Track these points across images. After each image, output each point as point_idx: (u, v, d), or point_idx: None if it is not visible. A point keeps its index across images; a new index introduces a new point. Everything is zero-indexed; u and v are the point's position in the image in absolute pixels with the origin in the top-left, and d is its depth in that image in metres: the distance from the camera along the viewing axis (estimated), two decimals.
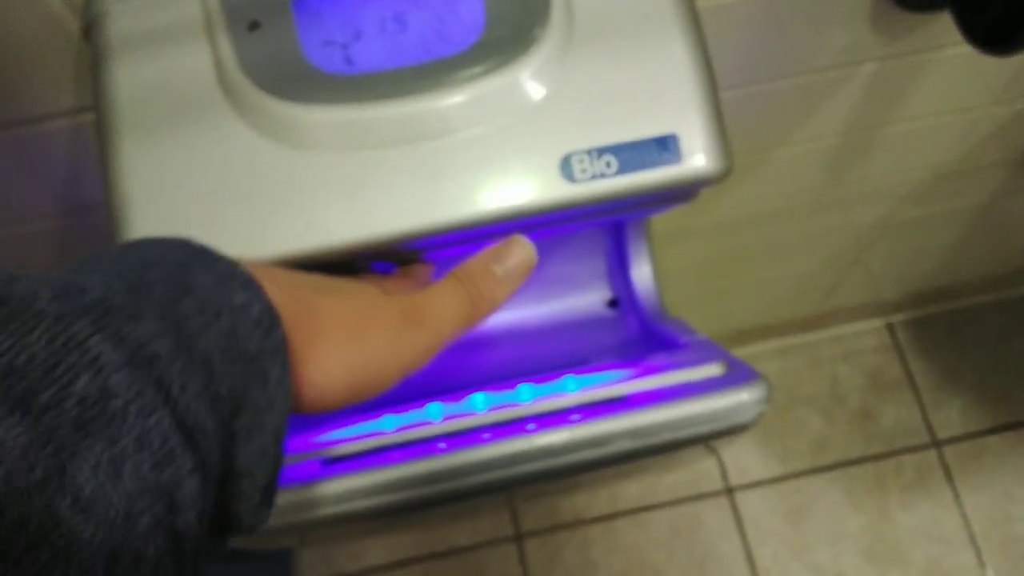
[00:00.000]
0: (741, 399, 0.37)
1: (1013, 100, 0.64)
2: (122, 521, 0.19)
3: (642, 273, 0.58)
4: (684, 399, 0.37)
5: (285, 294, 0.26)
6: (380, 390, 0.28)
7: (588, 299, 0.60)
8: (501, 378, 0.53)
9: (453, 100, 0.35)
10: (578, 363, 0.54)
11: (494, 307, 0.32)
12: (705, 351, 0.43)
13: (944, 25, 0.52)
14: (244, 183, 0.35)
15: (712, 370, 0.40)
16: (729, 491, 1.21)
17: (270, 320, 0.24)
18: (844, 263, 1.00)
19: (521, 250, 0.34)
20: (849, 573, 1.16)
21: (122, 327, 0.21)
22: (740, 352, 1.27)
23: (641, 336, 0.56)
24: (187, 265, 0.24)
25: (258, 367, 0.23)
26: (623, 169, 0.35)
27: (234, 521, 0.24)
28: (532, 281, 0.59)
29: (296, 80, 0.35)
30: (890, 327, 1.27)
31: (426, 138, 0.35)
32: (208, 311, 0.23)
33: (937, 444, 1.21)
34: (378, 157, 0.35)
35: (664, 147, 0.35)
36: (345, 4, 0.36)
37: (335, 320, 0.27)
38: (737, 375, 0.39)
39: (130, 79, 0.36)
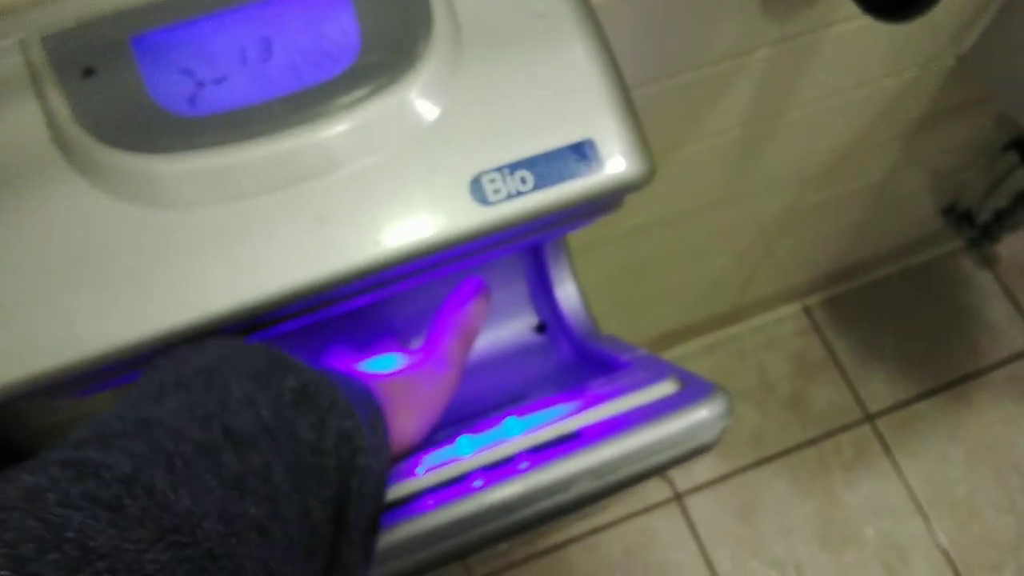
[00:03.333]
0: (703, 416, 0.34)
1: (902, 70, 0.65)
2: None
3: (568, 293, 0.54)
4: (642, 425, 0.33)
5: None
6: (436, 422, 0.37)
7: (514, 327, 0.56)
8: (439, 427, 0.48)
9: (334, 131, 0.31)
10: (515, 399, 0.50)
11: (477, 333, 0.42)
12: (652, 368, 0.39)
13: (832, 2, 0.51)
14: (99, 254, 0.30)
15: (665, 388, 0.36)
16: (678, 497, 1.18)
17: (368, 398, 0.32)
18: (755, 256, 1.00)
19: (479, 284, 0.43)
20: (807, 562, 1.15)
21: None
22: (667, 355, 1.25)
23: (576, 360, 0.53)
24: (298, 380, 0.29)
25: (371, 420, 0.31)
26: (540, 184, 0.31)
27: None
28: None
29: (146, 128, 0.30)
30: (807, 309, 1.29)
31: (309, 177, 0.30)
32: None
33: (870, 418, 1.22)
34: (256, 205, 0.30)
35: (581, 154, 0.31)
36: (195, 36, 0.31)
37: (399, 387, 0.35)
38: (693, 390, 0.35)
39: None
